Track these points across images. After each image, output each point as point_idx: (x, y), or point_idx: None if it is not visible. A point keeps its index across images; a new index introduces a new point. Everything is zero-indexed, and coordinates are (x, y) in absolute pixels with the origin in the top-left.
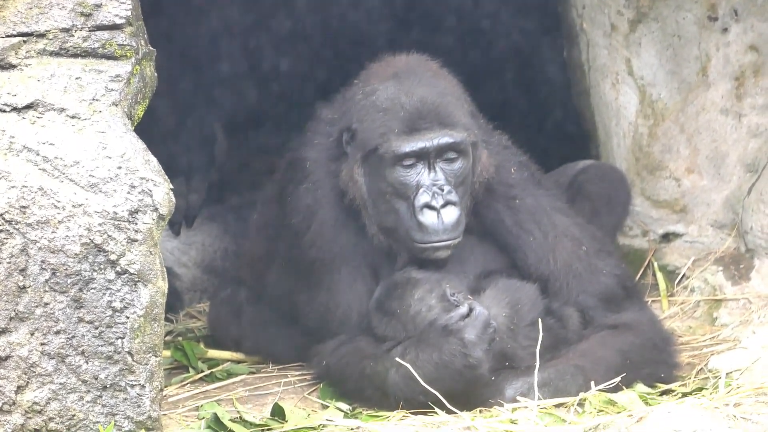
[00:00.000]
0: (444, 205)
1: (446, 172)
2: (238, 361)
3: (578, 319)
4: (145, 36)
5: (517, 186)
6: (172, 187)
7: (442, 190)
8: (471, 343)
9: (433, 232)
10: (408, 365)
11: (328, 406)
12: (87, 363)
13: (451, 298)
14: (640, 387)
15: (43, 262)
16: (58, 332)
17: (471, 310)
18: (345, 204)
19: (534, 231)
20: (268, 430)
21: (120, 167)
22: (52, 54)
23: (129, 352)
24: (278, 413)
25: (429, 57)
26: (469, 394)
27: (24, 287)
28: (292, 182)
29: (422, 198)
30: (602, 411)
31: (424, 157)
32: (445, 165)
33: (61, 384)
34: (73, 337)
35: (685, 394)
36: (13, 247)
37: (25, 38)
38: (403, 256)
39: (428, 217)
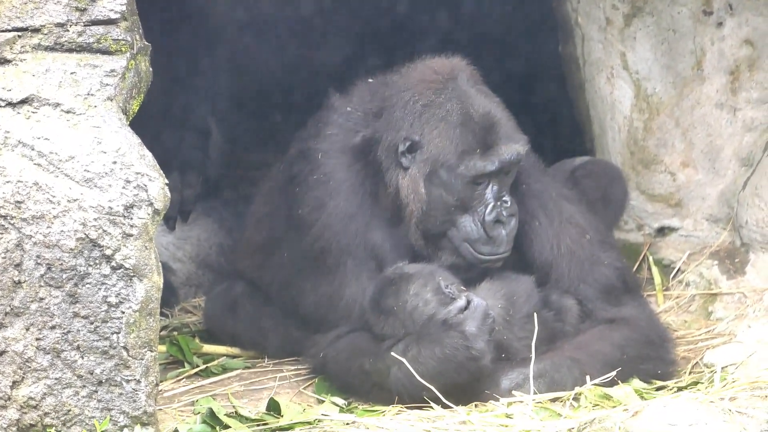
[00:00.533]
0: (509, 217)
1: (505, 182)
2: (234, 356)
3: (577, 312)
4: (140, 31)
5: (524, 172)
6: (167, 181)
7: (507, 203)
8: (472, 336)
9: (500, 244)
10: (407, 363)
11: (323, 401)
12: (82, 358)
13: (446, 291)
14: (636, 382)
15: (38, 257)
16: (53, 327)
17: (469, 302)
18: (357, 198)
19: (539, 216)
20: (264, 424)
21: (115, 162)
22: (47, 49)
23: (124, 347)
24: (274, 408)
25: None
26: (465, 385)
27: (19, 282)
28: (302, 173)
29: (493, 213)
30: (597, 405)
31: (497, 173)
32: (505, 176)
33: (56, 379)
34: (69, 332)
35: (680, 389)
36: (8, 242)
37: (20, 33)
38: (442, 261)
39: (499, 232)
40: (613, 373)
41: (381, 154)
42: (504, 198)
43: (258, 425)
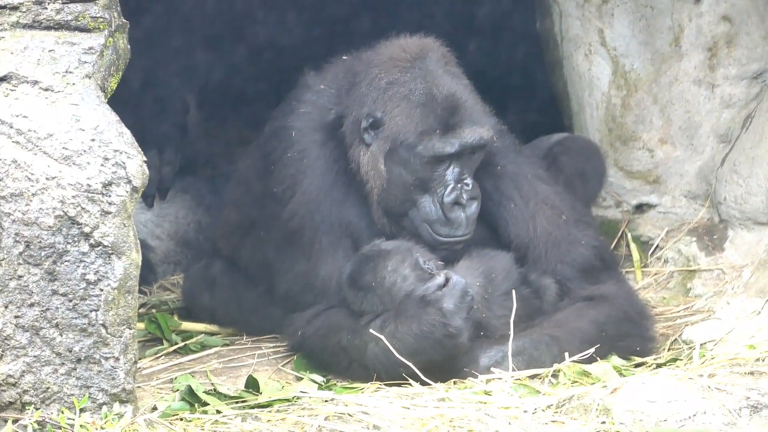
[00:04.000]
0: (470, 200)
1: (469, 165)
2: (212, 333)
3: (555, 291)
4: (118, 8)
5: (499, 154)
6: (145, 159)
7: (468, 185)
8: (450, 313)
9: (459, 226)
10: (385, 339)
11: (302, 378)
12: (61, 335)
13: (425, 266)
14: (615, 359)
15: (17, 234)
16: (32, 305)
17: (448, 279)
18: (331, 175)
19: (515, 198)
20: (243, 402)
21: (93, 140)
22: (25, 26)
23: (103, 325)
24: (252, 385)
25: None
26: (444, 362)
27: None
28: (276, 151)
29: (452, 195)
30: (576, 382)
31: (459, 155)
32: (468, 158)
33: (35, 357)
34: (47, 309)
35: (659, 365)
36: None
37: None
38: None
39: (457, 214)
40: (592, 350)
41: (346, 129)
42: (465, 181)
43: (237, 402)
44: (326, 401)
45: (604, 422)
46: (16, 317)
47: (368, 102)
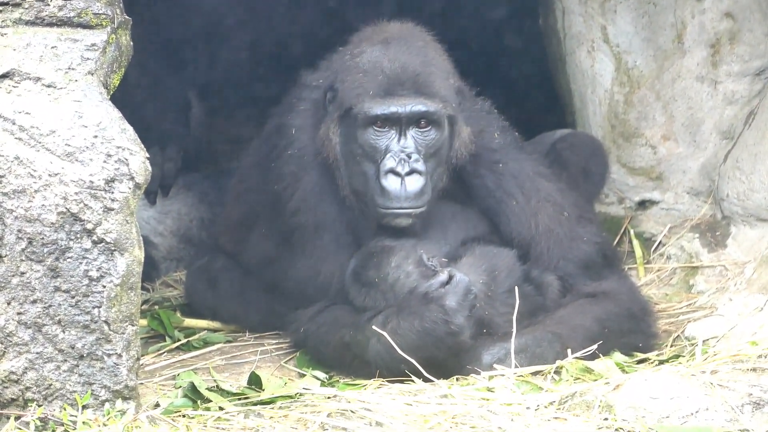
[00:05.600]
0: (409, 173)
1: (418, 141)
2: (215, 330)
3: (557, 288)
4: (121, 5)
5: (501, 150)
6: (148, 155)
7: (410, 158)
8: (452, 310)
9: (395, 198)
10: (387, 335)
11: (304, 375)
12: (64, 332)
13: (428, 263)
14: (617, 355)
15: (19, 231)
16: (34, 301)
17: (451, 277)
18: (329, 171)
19: (517, 195)
20: (245, 398)
21: (96, 136)
22: (27, 23)
23: (105, 321)
24: (255, 382)
25: (422, 25)
26: (446, 359)
27: (0, 256)
28: (276, 148)
29: (388, 163)
30: (579, 379)
31: (396, 122)
32: (418, 134)
33: (37, 353)
34: (50, 306)
35: (661, 362)
36: None
37: (0, 7)
38: (371, 221)
39: (391, 183)
40: (595, 346)
41: (321, 111)
42: (409, 153)
43: (239, 399)
44: (329, 398)
45: (606, 419)
46: (18, 314)
47: (332, 77)
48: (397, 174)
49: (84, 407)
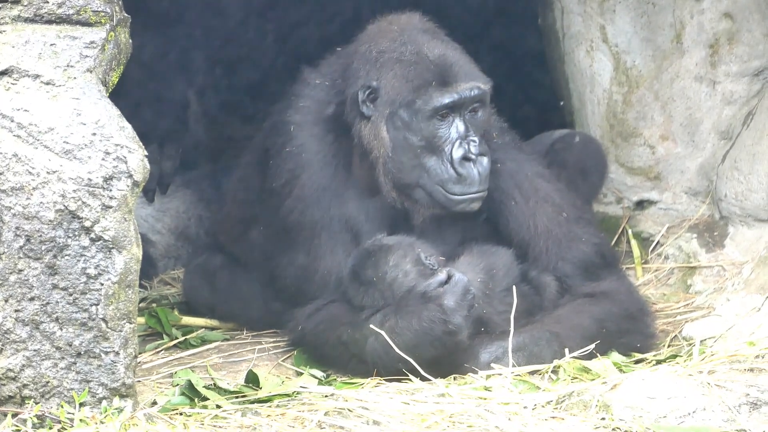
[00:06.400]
0: (479, 156)
1: (472, 123)
2: (213, 328)
3: (555, 288)
4: (120, 2)
5: (499, 150)
6: (146, 153)
7: (475, 142)
8: (450, 310)
9: (472, 183)
10: (385, 334)
11: (302, 373)
12: (61, 330)
13: (426, 262)
14: (615, 355)
15: (17, 228)
16: (32, 299)
17: (450, 276)
18: (330, 169)
19: (515, 195)
20: (243, 397)
21: (94, 134)
22: (26, 20)
23: (103, 319)
24: (252, 380)
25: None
26: (443, 358)
27: None
28: (275, 146)
29: (459, 150)
30: (576, 378)
31: (458, 109)
32: (471, 117)
33: (35, 351)
34: (48, 303)
35: (659, 362)
36: None
37: None
38: (419, 214)
39: (468, 169)
40: (592, 346)
41: (347, 111)
42: (472, 137)
43: (237, 397)
44: (326, 396)
45: (603, 418)
46: (16, 311)
47: (362, 75)
48: (469, 159)
49: (81, 405)
